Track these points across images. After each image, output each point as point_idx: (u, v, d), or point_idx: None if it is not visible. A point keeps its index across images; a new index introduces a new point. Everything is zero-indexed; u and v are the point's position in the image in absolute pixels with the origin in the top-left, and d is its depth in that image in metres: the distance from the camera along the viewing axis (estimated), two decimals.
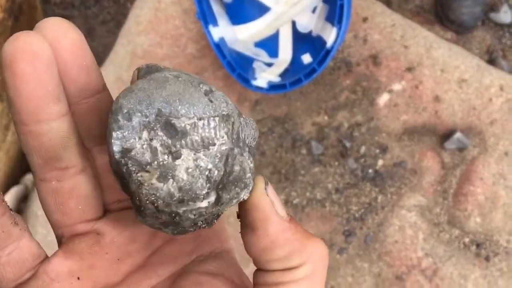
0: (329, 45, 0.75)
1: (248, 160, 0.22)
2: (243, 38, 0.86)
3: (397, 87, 0.86)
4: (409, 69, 0.86)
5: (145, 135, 0.21)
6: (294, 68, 0.83)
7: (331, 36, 0.75)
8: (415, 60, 0.86)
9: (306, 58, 0.82)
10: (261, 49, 0.86)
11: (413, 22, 0.89)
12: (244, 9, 0.86)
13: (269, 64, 0.84)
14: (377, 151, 0.85)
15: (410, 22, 0.88)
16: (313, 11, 0.82)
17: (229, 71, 0.82)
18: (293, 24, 0.85)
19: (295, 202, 0.85)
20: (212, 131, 0.21)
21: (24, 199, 0.91)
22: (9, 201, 0.89)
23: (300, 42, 0.84)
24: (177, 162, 0.21)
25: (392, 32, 0.87)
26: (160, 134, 0.21)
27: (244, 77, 0.81)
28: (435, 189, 0.85)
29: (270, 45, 0.86)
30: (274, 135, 0.87)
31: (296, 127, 0.87)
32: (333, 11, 0.76)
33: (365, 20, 0.87)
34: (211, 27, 0.83)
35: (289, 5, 0.83)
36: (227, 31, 0.84)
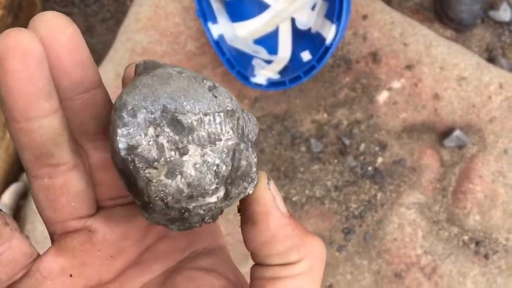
0: (328, 42, 0.75)
1: (252, 155, 0.23)
2: (243, 36, 0.85)
3: (396, 84, 0.86)
4: (408, 67, 0.86)
5: (151, 131, 0.21)
6: (293, 65, 0.83)
7: (330, 33, 0.75)
8: (414, 57, 0.86)
9: (306, 55, 0.82)
10: (260, 46, 0.86)
11: (413, 20, 0.89)
12: (243, 6, 0.85)
13: (268, 61, 0.84)
14: (377, 148, 0.85)
15: (409, 19, 0.88)
16: (313, 8, 0.82)
17: (228, 68, 0.82)
18: (293, 21, 0.85)
19: (294, 199, 0.85)
20: (218, 127, 0.21)
21: (23, 196, 0.91)
22: (8, 198, 0.89)
23: (300, 39, 0.84)
24: (184, 158, 0.21)
25: (392, 30, 0.87)
26: (166, 130, 0.21)
27: (243, 74, 0.81)
28: (434, 187, 0.85)
29: (269, 42, 0.86)
30: (273, 132, 0.87)
31: (296, 125, 0.87)
32: (332, 8, 0.76)
33: (364, 17, 0.87)
34: (210, 24, 0.82)
35: (288, 2, 0.83)
36: (226, 29, 0.84)
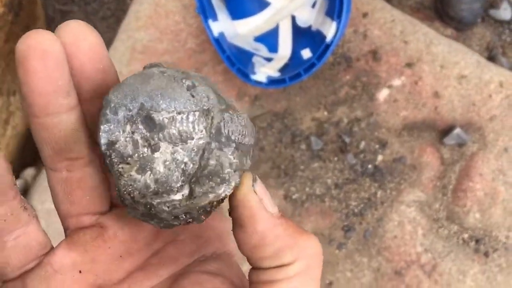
0: (328, 39, 0.75)
1: (231, 155, 0.22)
2: (243, 33, 0.86)
3: (396, 82, 0.86)
4: (408, 65, 0.86)
5: (128, 128, 0.22)
6: (293, 63, 0.83)
7: (330, 30, 0.75)
8: (415, 56, 0.86)
9: (306, 53, 0.82)
10: (260, 43, 0.86)
11: (413, 18, 0.89)
12: (243, 3, 0.86)
13: (268, 59, 0.84)
14: (377, 146, 0.85)
15: (410, 18, 0.88)
16: (313, 5, 0.82)
17: (228, 66, 0.82)
18: (293, 19, 0.85)
19: (294, 197, 0.85)
20: (190, 125, 0.21)
21: (23, 194, 0.91)
22: None
23: (300, 37, 0.84)
24: (155, 155, 0.21)
25: (392, 28, 0.87)
26: (140, 127, 0.21)
27: (243, 71, 0.81)
28: (435, 184, 0.85)
29: (269, 40, 0.86)
30: (273, 130, 0.87)
31: (296, 123, 0.87)
32: (332, 6, 0.76)
33: (365, 15, 0.87)
34: (210, 21, 0.83)
35: (288, 0, 0.83)
36: (226, 26, 0.84)
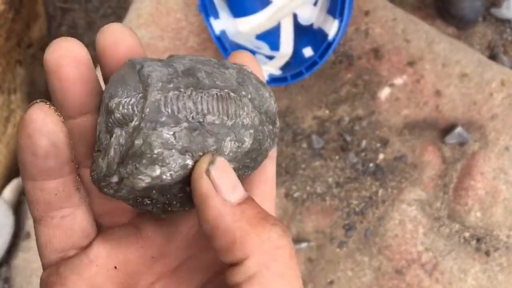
0: (330, 37, 0.75)
1: (168, 134, 0.21)
2: (245, 31, 0.85)
3: (398, 81, 0.86)
4: (410, 63, 0.86)
5: (102, 118, 0.23)
6: (295, 61, 0.83)
7: (332, 28, 0.75)
8: (416, 54, 0.86)
9: (307, 51, 0.82)
10: (262, 42, 0.86)
11: (415, 17, 0.89)
12: (245, 1, 0.85)
13: (270, 57, 0.84)
14: (378, 145, 0.85)
15: (411, 16, 0.88)
16: (315, 3, 0.82)
17: None
18: (295, 17, 0.85)
19: (295, 195, 0.85)
20: (130, 108, 0.22)
21: (23, 193, 0.91)
22: (9, 193, 0.89)
23: (301, 35, 0.84)
24: (112, 140, 0.22)
25: (394, 26, 0.87)
26: (104, 115, 0.22)
27: None
28: (436, 183, 0.85)
29: (271, 38, 0.86)
30: None
31: (297, 121, 0.87)
32: (334, 4, 0.76)
33: (366, 13, 0.87)
34: (212, 19, 0.82)
35: None
36: (228, 24, 0.84)
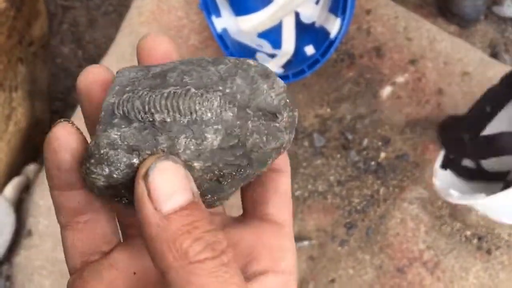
0: (332, 36, 0.75)
1: (116, 134, 0.20)
2: (246, 29, 0.85)
3: (400, 79, 0.86)
4: (412, 62, 0.86)
5: None
6: (297, 60, 0.83)
7: (334, 27, 0.75)
8: (418, 52, 0.86)
9: (309, 49, 0.82)
10: (264, 40, 0.86)
11: (416, 15, 0.89)
12: (247, 0, 0.85)
13: (272, 55, 0.84)
14: (380, 143, 0.85)
15: (413, 14, 0.88)
16: (317, 2, 0.82)
17: None
18: (297, 15, 0.84)
19: (297, 194, 0.85)
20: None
21: (25, 190, 0.91)
22: (10, 191, 0.89)
23: (303, 33, 0.84)
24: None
25: (396, 25, 0.86)
26: None
27: None
28: None
29: (273, 36, 0.86)
30: None
31: (299, 119, 0.87)
32: (336, 2, 0.76)
33: (368, 12, 0.87)
34: (214, 18, 0.82)
35: None
36: (230, 22, 0.84)
